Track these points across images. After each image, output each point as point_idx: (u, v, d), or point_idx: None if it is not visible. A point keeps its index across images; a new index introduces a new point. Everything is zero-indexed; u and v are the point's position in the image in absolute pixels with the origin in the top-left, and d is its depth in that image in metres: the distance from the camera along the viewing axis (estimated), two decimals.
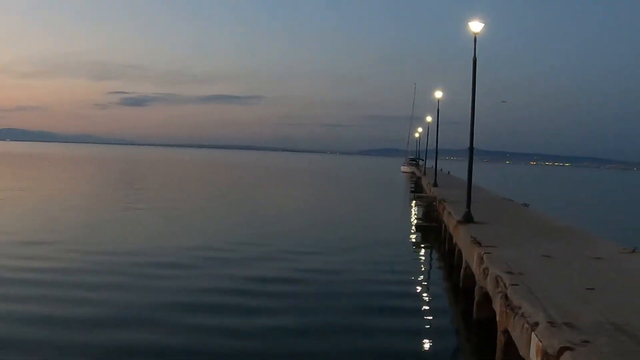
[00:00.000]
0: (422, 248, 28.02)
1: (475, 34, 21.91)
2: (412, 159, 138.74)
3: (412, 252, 27.08)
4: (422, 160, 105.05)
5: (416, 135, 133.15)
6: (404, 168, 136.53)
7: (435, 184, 49.38)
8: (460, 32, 22.33)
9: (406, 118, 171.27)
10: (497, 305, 10.84)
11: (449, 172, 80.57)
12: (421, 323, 15.33)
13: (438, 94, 49.27)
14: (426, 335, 14.30)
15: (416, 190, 63.08)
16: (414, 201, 42.37)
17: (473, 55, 22.22)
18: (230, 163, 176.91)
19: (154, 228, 30.77)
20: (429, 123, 68.92)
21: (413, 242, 29.63)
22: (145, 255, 22.79)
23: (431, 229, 31.44)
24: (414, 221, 35.40)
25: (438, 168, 58.35)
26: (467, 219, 21.18)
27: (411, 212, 41.50)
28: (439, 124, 52.46)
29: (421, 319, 15.71)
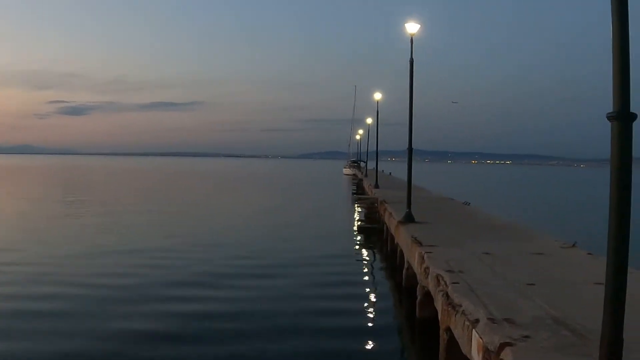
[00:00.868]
0: (365, 249, 27.99)
1: (411, 35, 22.05)
2: (354, 161, 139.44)
3: (355, 254, 27.02)
4: (364, 162, 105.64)
5: (357, 137, 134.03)
6: (346, 170, 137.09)
7: (376, 186, 49.64)
8: (401, 34, 22.45)
9: (347, 121, 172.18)
10: (439, 303, 10.82)
11: (391, 173, 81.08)
12: (365, 323, 15.31)
13: (377, 96, 49.67)
14: (371, 335, 14.26)
15: (358, 192, 63.20)
16: (356, 203, 42.39)
17: (410, 56, 22.40)
18: (171, 171, 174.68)
19: (83, 240, 29.16)
20: (370, 125, 69.31)
21: (356, 244, 29.59)
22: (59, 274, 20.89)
23: (373, 230, 31.49)
24: (357, 223, 35.42)
25: (380, 169, 58.65)
26: (408, 219, 21.25)
27: (353, 214, 41.54)
28: (381, 126, 52.90)
29: (365, 319, 15.68)
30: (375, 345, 13.58)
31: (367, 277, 22.00)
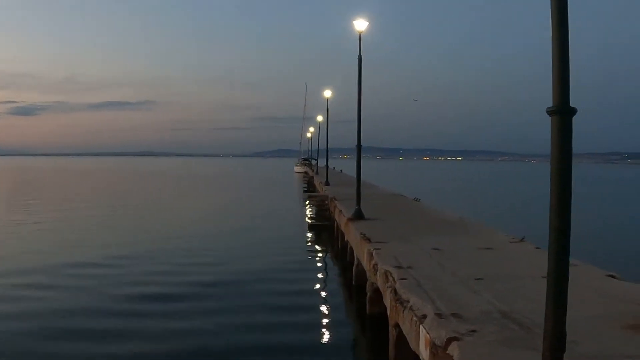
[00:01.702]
0: (316, 247, 27.98)
1: (359, 33, 22.13)
2: (305, 159, 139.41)
3: (307, 252, 26.99)
4: (315, 159, 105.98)
5: (309, 135, 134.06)
6: (297, 168, 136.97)
7: (327, 183, 49.64)
8: (350, 32, 22.51)
9: (299, 118, 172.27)
10: (387, 300, 10.85)
11: (342, 171, 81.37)
12: (316, 320, 15.34)
13: (327, 93, 49.75)
14: (322, 331, 14.36)
15: (309, 189, 63.25)
16: (307, 201, 42.39)
17: (359, 53, 22.48)
18: (122, 171, 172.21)
19: (29, 242, 28.48)
20: (320, 122, 69.41)
21: (307, 241, 29.57)
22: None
23: (324, 228, 31.49)
24: (308, 221, 35.39)
25: (331, 167, 58.71)
26: (358, 216, 21.32)
27: (305, 212, 41.50)
28: (332, 123, 53.02)
29: (316, 316, 15.70)
30: (326, 341, 13.67)
31: (318, 275, 21.97)
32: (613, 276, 11.07)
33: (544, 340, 5.39)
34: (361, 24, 22.01)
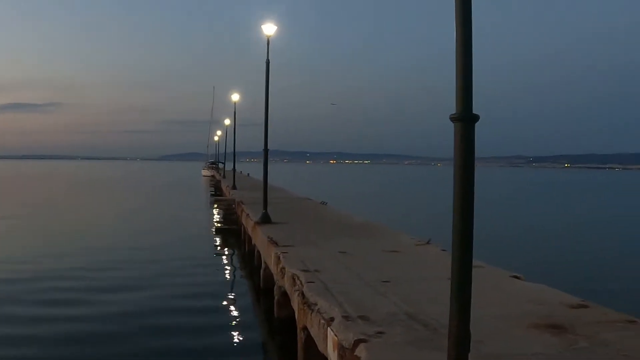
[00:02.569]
0: (224, 251, 27.87)
1: (268, 37, 22.12)
2: (212, 163, 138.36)
3: (214, 256, 26.81)
4: (223, 163, 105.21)
5: (216, 138, 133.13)
6: (205, 172, 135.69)
7: (234, 187, 49.39)
8: (259, 34, 22.45)
9: (206, 122, 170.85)
10: (295, 303, 10.89)
11: (249, 174, 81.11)
12: (225, 322, 15.32)
13: (235, 97, 49.56)
14: (230, 334, 14.29)
15: (216, 193, 62.79)
16: (215, 204, 42.08)
17: (266, 57, 22.46)
18: (25, 174, 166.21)
19: None
20: (228, 126, 69.04)
21: (214, 246, 29.38)
22: None
23: (232, 232, 31.36)
24: (215, 225, 35.15)
25: (238, 170, 58.47)
26: (265, 220, 21.29)
27: (212, 216, 41.20)
28: (240, 127, 52.87)
29: (225, 319, 15.69)
30: (235, 344, 13.65)
31: (226, 278, 21.91)
32: (517, 277, 11.44)
33: (449, 339, 5.52)
34: (270, 28, 22.00)
